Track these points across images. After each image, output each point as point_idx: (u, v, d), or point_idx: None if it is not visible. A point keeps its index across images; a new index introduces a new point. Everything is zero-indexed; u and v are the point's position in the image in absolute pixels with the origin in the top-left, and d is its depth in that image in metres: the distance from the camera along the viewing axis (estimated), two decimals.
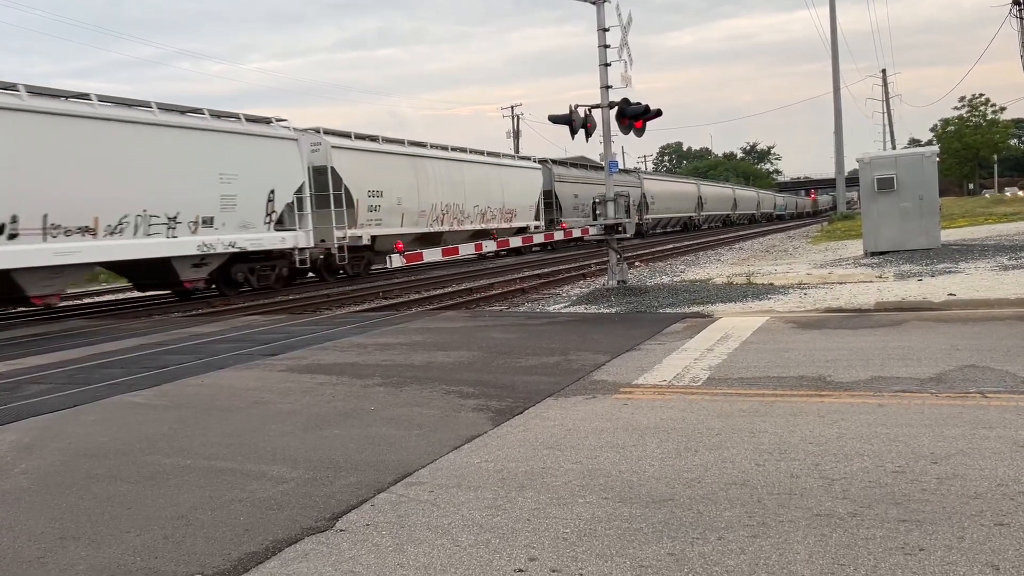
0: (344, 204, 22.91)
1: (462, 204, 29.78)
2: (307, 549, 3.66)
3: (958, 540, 3.32)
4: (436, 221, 28.03)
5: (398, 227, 25.79)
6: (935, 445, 4.59)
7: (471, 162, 31.41)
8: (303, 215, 21.34)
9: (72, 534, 3.99)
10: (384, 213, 25.04)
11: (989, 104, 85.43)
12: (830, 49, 46.75)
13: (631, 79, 14.18)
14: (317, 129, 23.28)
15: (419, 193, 26.95)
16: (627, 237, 14.96)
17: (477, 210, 30.85)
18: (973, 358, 6.87)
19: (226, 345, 10.41)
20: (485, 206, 31.52)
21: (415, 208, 26.73)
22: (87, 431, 6.12)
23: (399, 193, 25.76)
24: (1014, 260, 15.15)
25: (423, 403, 6.43)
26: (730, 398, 6.06)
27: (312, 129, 23.06)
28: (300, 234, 21.22)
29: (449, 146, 30.33)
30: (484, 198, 31.53)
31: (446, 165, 29.20)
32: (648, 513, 3.83)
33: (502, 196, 33.09)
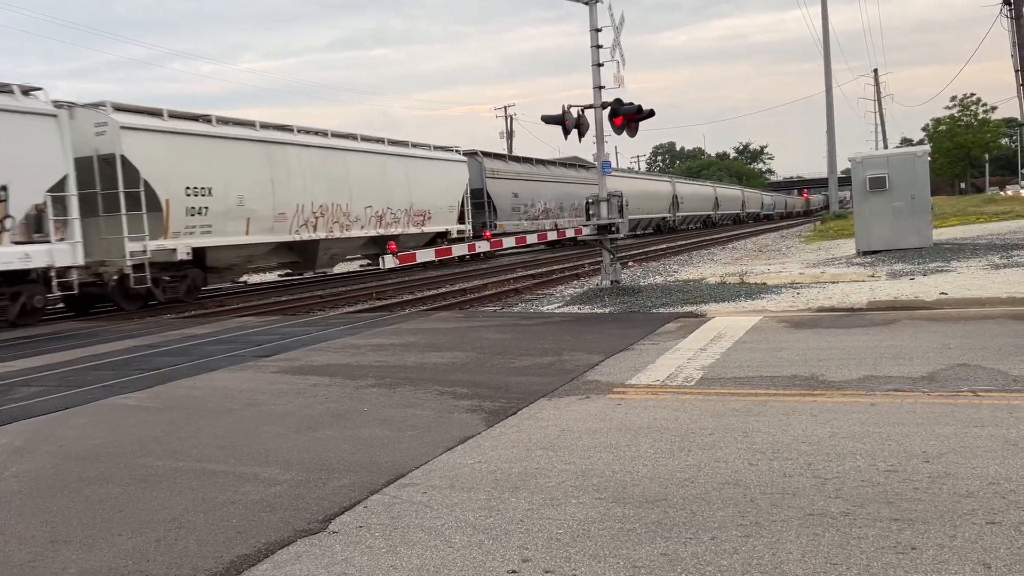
0: (144, 206, 16.87)
1: (347, 205, 23.61)
2: (300, 551, 3.65)
3: (950, 539, 3.33)
4: (305, 226, 21.92)
5: (241, 235, 19.75)
6: (927, 444, 4.61)
7: (361, 152, 24.93)
8: (66, 221, 15.47)
9: (63, 537, 3.97)
10: (215, 217, 18.85)
11: (980, 104, 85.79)
12: (822, 49, 46.86)
13: (624, 79, 14.21)
14: (101, 103, 17.26)
15: (275, 190, 20.72)
16: (620, 237, 14.97)
17: (371, 212, 24.74)
18: (965, 357, 6.89)
19: (219, 346, 10.38)
20: (382, 207, 25.35)
21: (268, 210, 20.50)
22: (79, 433, 6.10)
23: (241, 191, 19.57)
24: (1005, 259, 15.21)
25: (416, 404, 6.42)
26: (723, 398, 6.07)
27: (93, 104, 17.23)
28: (59, 248, 15.20)
29: (329, 131, 24.05)
30: (381, 197, 25.30)
31: (322, 155, 22.99)
32: (641, 513, 3.83)
33: (408, 194, 26.80)
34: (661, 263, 24.64)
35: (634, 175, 57.28)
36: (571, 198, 39.93)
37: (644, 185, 52.29)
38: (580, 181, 41.61)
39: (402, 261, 12.60)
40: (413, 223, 27.16)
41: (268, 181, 20.60)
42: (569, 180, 41.26)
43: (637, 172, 60.25)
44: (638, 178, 55.28)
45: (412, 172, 27.21)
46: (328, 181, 22.91)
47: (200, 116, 19.35)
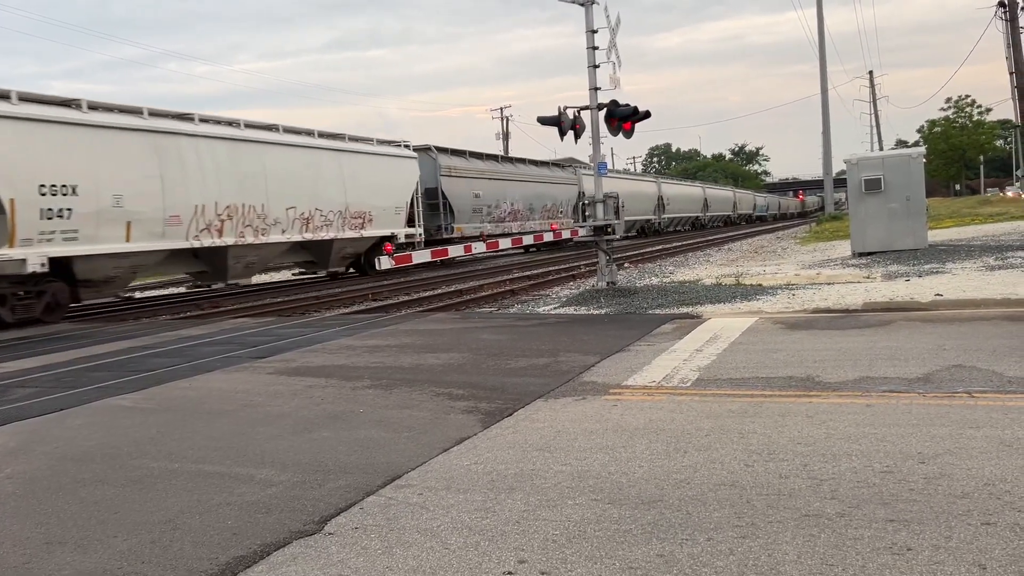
0: None
1: (263, 206, 20.23)
2: (295, 552, 3.64)
3: (945, 540, 3.34)
4: (208, 231, 18.56)
5: (120, 241, 16.49)
6: (923, 445, 4.61)
7: (283, 145, 21.48)
8: None
9: (58, 539, 3.96)
10: (83, 221, 15.64)
11: (975, 105, 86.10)
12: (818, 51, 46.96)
13: (620, 80, 14.22)
14: None
15: (166, 189, 17.39)
16: (616, 238, 14.98)
17: (294, 214, 21.39)
18: (960, 358, 6.91)
19: (214, 348, 10.36)
20: (309, 208, 22.02)
21: (156, 213, 17.25)
22: (74, 435, 6.08)
23: (119, 189, 16.38)
24: (1000, 260, 15.25)
25: (413, 405, 6.42)
26: (719, 399, 6.08)
27: None
28: None
29: (242, 120, 20.68)
30: (308, 197, 22.00)
31: (231, 148, 19.61)
32: (637, 514, 3.83)
33: (344, 194, 23.45)
34: (657, 264, 24.66)
35: (615, 175, 52.06)
36: (543, 199, 38.05)
37: (626, 185, 48.33)
38: (554, 181, 39.54)
39: (398, 262, 12.59)
40: (350, 226, 23.75)
41: (156, 178, 17.28)
42: (541, 179, 38.68)
43: (619, 172, 54.17)
44: (620, 178, 50.69)
45: (348, 169, 23.83)
46: (239, 178, 19.57)
47: (69, 101, 16.17)
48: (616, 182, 48.36)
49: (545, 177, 39.35)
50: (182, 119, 18.60)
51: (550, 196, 38.98)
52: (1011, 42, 18.22)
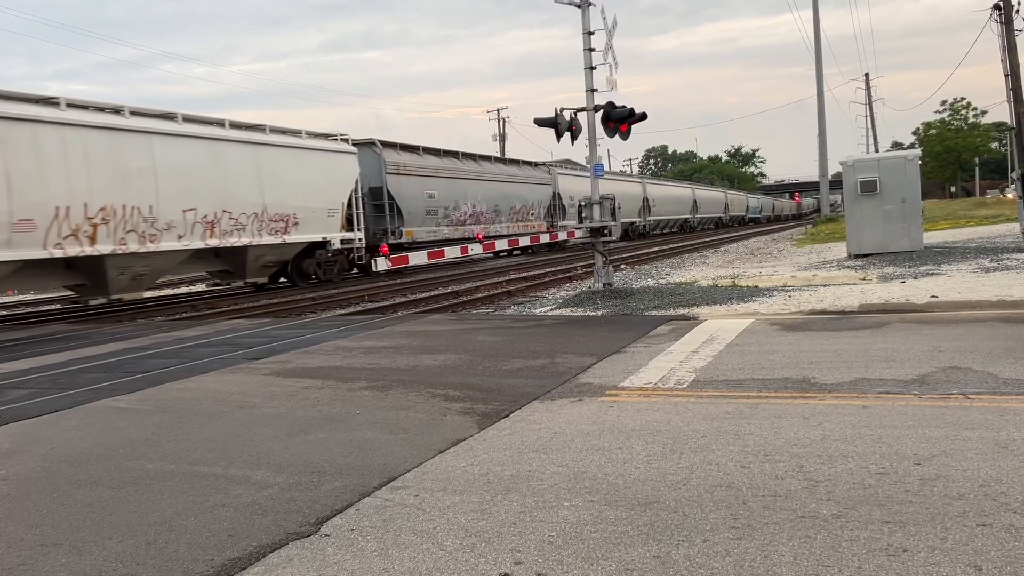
0: None
1: (151, 207, 17.21)
2: (291, 554, 3.64)
3: (941, 541, 3.34)
4: (75, 238, 15.65)
5: None
6: (918, 446, 4.62)
7: (179, 136, 18.27)
8: None
9: (53, 541, 3.95)
10: None
11: (970, 108, 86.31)
12: (814, 53, 47.10)
13: (616, 82, 14.22)
14: None
15: (12, 187, 14.50)
16: (613, 240, 14.99)
17: (194, 217, 18.28)
18: (955, 359, 6.92)
19: (210, 349, 10.35)
20: (215, 210, 18.91)
21: None
22: (69, 436, 6.06)
23: None
24: (995, 262, 15.29)
25: (409, 407, 6.41)
26: (715, 400, 6.08)
27: None
28: None
29: (127, 108, 17.42)
30: (214, 197, 18.91)
31: (110, 139, 16.55)
32: (634, 516, 3.83)
33: (261, 193, 20.39)
34: (653, 265, 24.68)
35: (623, 178, 52.10)
36: (511, 200, 34.28)
37: (609, 186, 47.27)
38: (524, 180, 36.01)
39: (394, 263, 12.57)
40: (269, 231, 20.69)
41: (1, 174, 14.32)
42: (509, 179, 34.65)
43: (616, 174, 52.26)
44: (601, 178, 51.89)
45: (268, 165, 20.74)
46: (119, 175, 16.57)
47: None
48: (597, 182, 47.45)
49: (514, 176, 35.43)
50: (46, 104, 15.74)
51: (519, 197, 35.27)
52: (1006, 44, 18.27)
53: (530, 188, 36.83)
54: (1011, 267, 14.17)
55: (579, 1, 14.20)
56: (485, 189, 32.43)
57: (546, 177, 38.43)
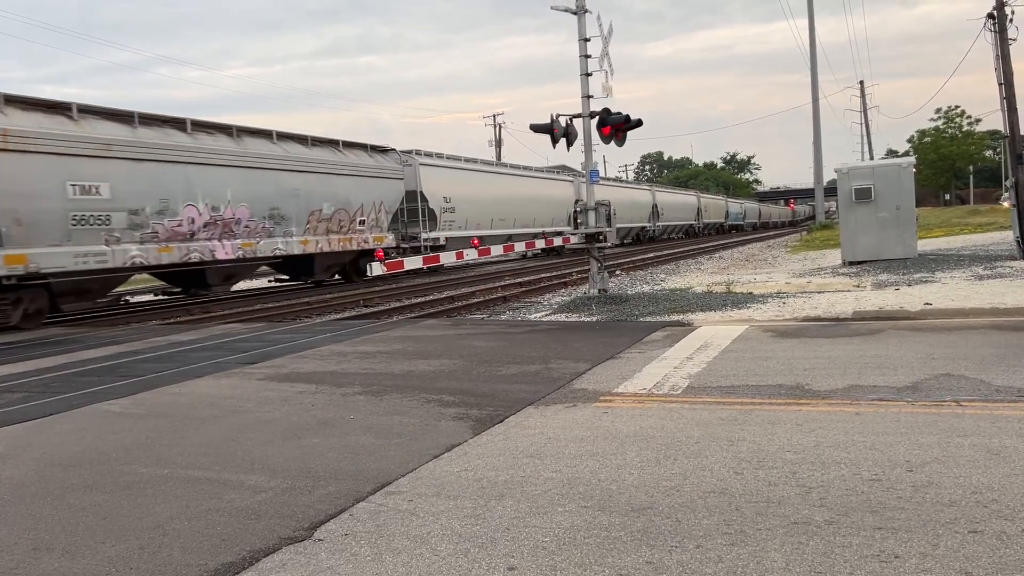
0: None
1: None
2: (285, 559, 3.64)
3: (932, 547, 3.36)
4: None
5: None
6: (911, 453, 4.64)
7: None
8: None
9: (46, 545, 3.94)
10: None
11: (965, 116, 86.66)
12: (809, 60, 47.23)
13: (612, 88, 14.26)
14: None
15: None
16: (607, 246, 15.01)
17: None
18: (949, 367, 6.95)
19: (204, 353, 10.33)
20: None
21: None
22: (62, 440, 6.05)
23: None
24: (989, 270, 15.35)
25: (403, 412, 6.41)
26: (709, 406, 6.09)
27: None
28: None
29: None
30: None
31: None
32: (627, 521, 3.84)
33: None
34: (648, 272, 24.73)
35: (534, 173, 40.74)
36: (310, 199, 22.71)
37: (543, 188, 39.63)
38: (339, 169, 24.14)
39: (389, 268, 12.58)
40: None
41: None
42: (311, 167, 22.94)
43: (537, 171, 41.68)
44: (537, 177, 40.48)
45: None
46: None
47: None
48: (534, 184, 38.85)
49: (323, 165, 23.43)
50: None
51: (330, 195, 23.65)
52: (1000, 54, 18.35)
53: (358, 183, 24.90)
54: (1005, 275, 14.22)
55: (575, 7, 14.25)
56: (248, 182, 20.64)
57: (395, 169, 27.27)
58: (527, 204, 37.77)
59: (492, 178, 35.58)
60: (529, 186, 38.91)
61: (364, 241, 25.22)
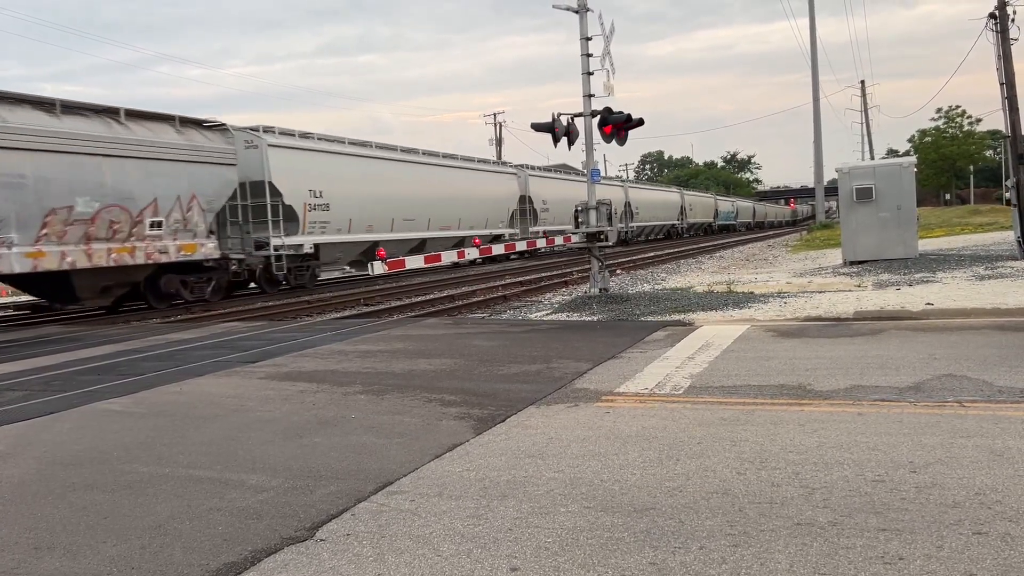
0: None
1: None
2: (286, 559, 3.62)
3: (937, 549, 3.34)
4: None
5: None
6: (914, 454, 4.63)
7: None
8: None
9: (47, 544, 3.93)
10: None
11: (965, 116, 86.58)
12: (809, 60, 47.22)
13: (613, 88, 14.24)
14: None
15: None
16: (609, 245, 15.00)
17: None
18: (951, 367, 6.94)
19: (205, 352, 10.32)
20: None
21: None
22: (63, 439, 6.04)
23: None
24: (990, 270, 15.34)
25: (404, 411, 6.40)
26: (711, 406, 6.08)
27: None
28: None
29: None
30: None
31: None
32: (630, 522, 3.82)
33: None
34: (649, 271, 24.71)
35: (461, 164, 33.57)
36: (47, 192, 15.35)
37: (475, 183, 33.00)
38: (121, 151, 16.95)
39: (391, 268, 12.58)
40: None
41: None
42: (43, 143, 15.46)
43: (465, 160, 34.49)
44: (465, 168, 33.46)
45: None
46: None
47: None
48: (478, 178, 32.86)
49: (79, 142, 16.21)
50: None
51: (110, 188, 16.70)
52: (1001, 54, 18.34)
53: (149, 169, 17.69)
54: (1006, 275, 14.21)
55: (577, 6, 14.23)
56: None
57: (223, 152, 19.91)
58: (450, 202, 30.45)
59: (391, 168, 27.43)
60: (453, 179, 31.30)
61: (161, 251, 17.89)
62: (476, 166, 34.90)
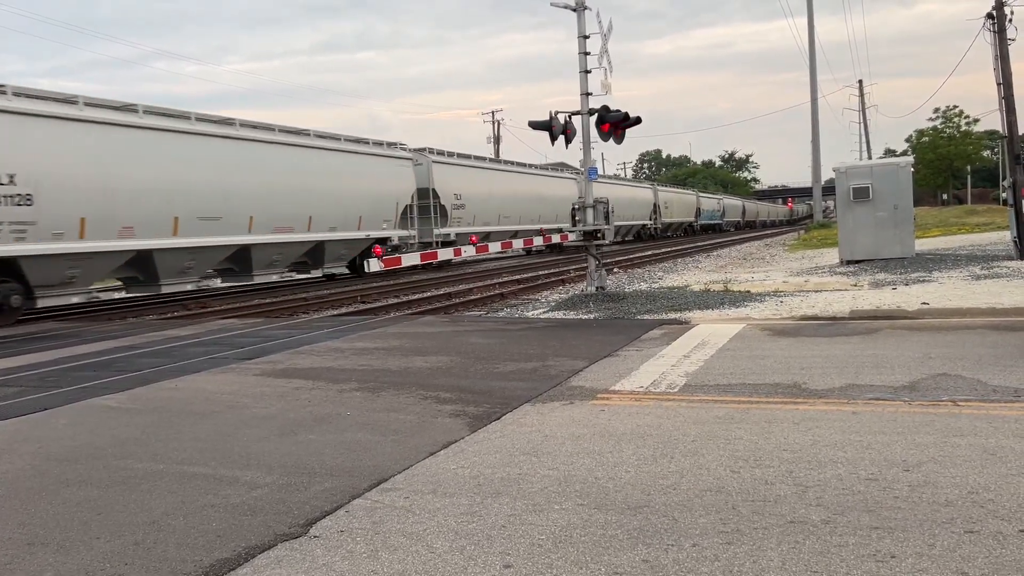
0: None
1: None
2: (280, 555, 3.63)
3: (928, 547, 3.35)
4: None
5: None
6: (907, 453, 4.64)
7: None
8: None
9: (40, 540, 3.93)
10: None
11: (963, 116, 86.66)
12: (807, 59, 47.23)
13: (611, 86, 14.24)
14: None
15: None
16: (606, 243, 15.00)
17: None
18: (945, 366, 6.95)
19: (201, 348, 10.31)
20: None
21: None
22: (58, 435, 6.03)
23: None
24: (986, 270, 15.36)
25: (400, 408, 6.40)
26: (706, 405, 6.09)
27: None
28: None
29: None
30: None
31: None
32: (623, 520, 3.83)
33: None
34: (646, 270, 24.73)
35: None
36: None
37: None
38: None
39: (387, 265, 12.57)
40: None
41: None
42: None
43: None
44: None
45: None
46: None
47: None
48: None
49: None
50: None
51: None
52: (999, 54, 18.35)
53: None
54: (1001, 275, 14.23)
55: (575, 5, 14.22)
56: None
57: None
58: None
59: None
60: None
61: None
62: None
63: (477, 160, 35.26)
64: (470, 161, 34.03)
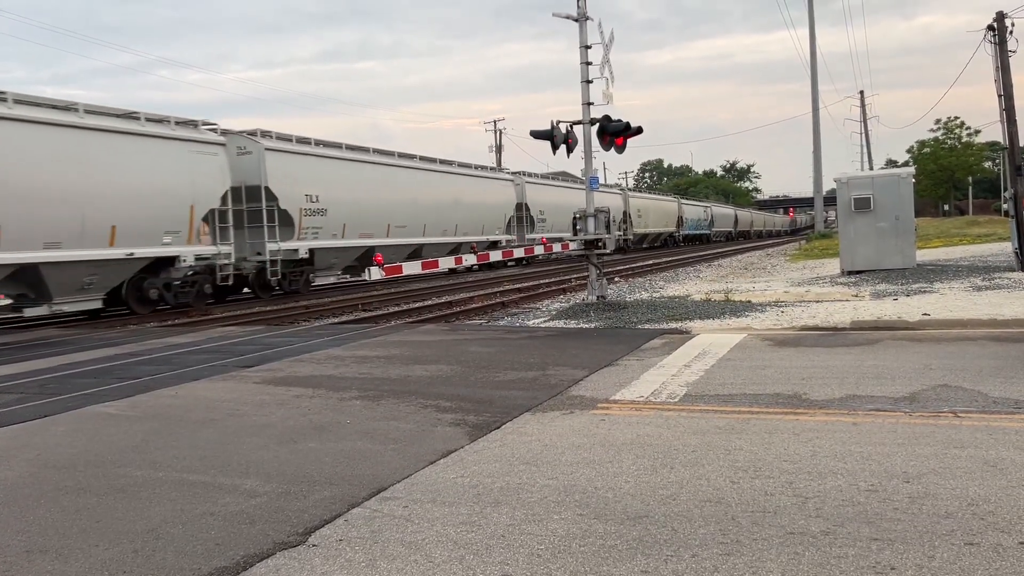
0: None
1: None
2: (279, 564, 3.62)
3: (928, 559, 3.34)
4: None
5: None
6: (908, 464, 4.63)
7: None
8: None
9: (39, 547, 3.92)
10: None
11: (964, 127, 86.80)
12: (809, 70, 47.36)
13: (612, 96, 14.28)
14: None
15: None
16: (607, 252, 15.02)
17: None
18: (946, 378, 6.94)
19: (201, 356, 10.31)
20: None
21: None
22: (57, 442, 6.03)
23: None
24: (987, 281, 15.36)
25: (399, 417, 6.40)
26: (706, 415, 6.08)
27: None
28: None
29: None
30: None
31: None
32: (623, 530, 3.82)
33: None
34: (647, 279, 24.73)
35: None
36: None
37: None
38: None
39: (388, 273, 12.57)
40: None
41: None
42: None
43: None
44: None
45: None
46: None
47: None
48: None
49: None
50: None
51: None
52: (1000, 65, 18.40)
53: None
54: (1003, 286, 14.23)
55: (576, 15, 14.27)
56: None
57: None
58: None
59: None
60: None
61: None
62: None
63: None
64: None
